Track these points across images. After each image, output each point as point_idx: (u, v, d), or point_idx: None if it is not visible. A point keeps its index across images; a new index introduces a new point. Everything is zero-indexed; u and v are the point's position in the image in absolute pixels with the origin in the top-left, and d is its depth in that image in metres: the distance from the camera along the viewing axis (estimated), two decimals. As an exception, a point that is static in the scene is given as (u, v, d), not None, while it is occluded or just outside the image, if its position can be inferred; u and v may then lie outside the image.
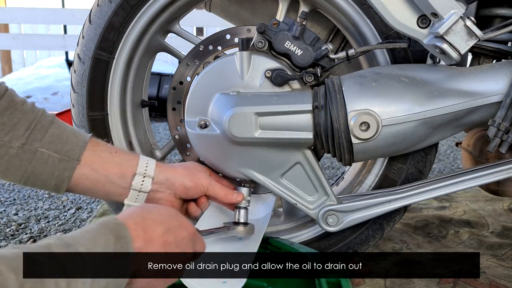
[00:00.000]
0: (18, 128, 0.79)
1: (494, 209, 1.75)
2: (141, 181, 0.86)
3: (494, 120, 0.91)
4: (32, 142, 0.79)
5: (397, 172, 1.12)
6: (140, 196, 0.86)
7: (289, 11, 1.09)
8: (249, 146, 0.96)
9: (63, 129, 0.83)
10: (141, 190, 0.86)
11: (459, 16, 0.87)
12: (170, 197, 0.90)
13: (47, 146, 0.80)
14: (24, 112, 0.80)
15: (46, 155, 0.80)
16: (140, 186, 0.86)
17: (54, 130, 0.82)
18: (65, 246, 0.53)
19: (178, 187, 0.90)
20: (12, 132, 0.78)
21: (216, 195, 0.95)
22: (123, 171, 0.85)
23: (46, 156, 0.80)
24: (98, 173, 0.83)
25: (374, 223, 1.13)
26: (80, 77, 1.12)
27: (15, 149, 0.78)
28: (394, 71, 0.95)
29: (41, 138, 0.80)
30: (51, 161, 0.80)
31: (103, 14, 1.09)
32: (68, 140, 0.82)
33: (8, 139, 0.77)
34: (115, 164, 0.85)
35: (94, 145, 0.85)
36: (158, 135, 3.37)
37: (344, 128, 0.91)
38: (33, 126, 0.80)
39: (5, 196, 1.96)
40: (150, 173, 0.87)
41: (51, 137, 0.81)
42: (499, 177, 1.00)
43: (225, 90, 0.98)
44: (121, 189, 0.86)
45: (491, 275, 1.26)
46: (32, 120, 0.80)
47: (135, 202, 0.86)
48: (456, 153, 2.80)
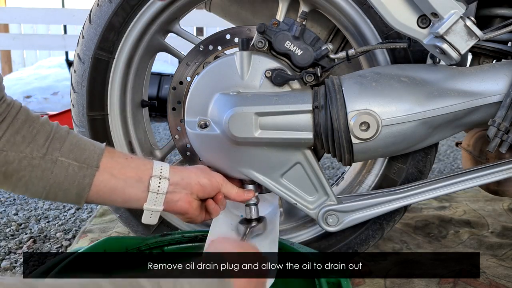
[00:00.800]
0: (38, 139, 0.80)
1: (494, 209, 1.75)
2: (158, 183, 0.87)
3: (494, 120, 0.91)
4: (52, 151, 0.81)
5: (397, 172, 1.12)
6: (158, 199, 0.88)
7: (289, 11, 1.09)
8: (249, 146, 0.96)
9: (80, 138, 0.86)
10: (159, 192, 0.87)
11: (459, 16, 0.87)
12: (188, 197, 0.91)
13: (67, 154, 0.82)
14: (41, 125, 0.82)
15: (66, 163, 0.81)
16: (158, 188, 0.87)
17: (72, 139, 0.84)
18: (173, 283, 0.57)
19: (194, 186, 0.91)
20: (32, 144, 0.80)
21: (229, 193, 0.97)
22: (140, 175, 0.87)
23: (66, 165, 0.81)
24: (117, 178, 0.85)
25: (374, 223, 1.13)
26: (80, 77, 1.12)
27: (37, 160, 0.80)
28: (394, 71, 0.95)
29: (60, 147, 0.82)
30: (71, 169, 0.82)
31: (103, 14, 1.09)
32: (86, 148, 0.84)
33: (29, 151, 0.79)
34: (132, 169, 0.87)
35: (110, 152, 0.87)
36: (158, 135, 3.37)
37: (344, 128, 0.91)
38: (52, 136, 0.82)
39: (5, 196, 1.96)
40: (166, 174, 0.88)
41: (70, 145, 0.83)
42: (499, 177, 1.00)
43: (225, 90, 0.98)
44: (140, 192, 0.87)
45: (491, 275, 1.26)
46: (50, 131, 0.82)
47: (154, 205, 0.88)
48: (456, 153, 2.80)
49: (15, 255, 1.40)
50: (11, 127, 0.79)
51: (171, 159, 2.42)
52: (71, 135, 0.85)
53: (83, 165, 0.82)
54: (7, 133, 0.78)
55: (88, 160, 0.83)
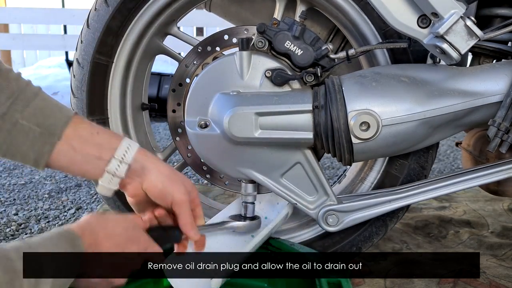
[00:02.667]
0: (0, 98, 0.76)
1: (494, 209, 1.75)
2: (116, 166, 0.83)
3: (494, 120, 0.91)
4: (14, 113, 0.77)
5: (399, 168, 1.12)
6: (113, 180, 0.84)
7: (288, 10, 1.09)
8: (249, 146, 0.96)
9: (48, 102, 0.81)
10: (115, 175, 0.83)
11: (459, 16, 0.86)
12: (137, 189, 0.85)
13: (28, 118, 0.78)
14: (8, 80, 0.78)
15: (27, 127, 0.77)
16: (115, 171, 0.83)
17: (38, 102, 0.79)
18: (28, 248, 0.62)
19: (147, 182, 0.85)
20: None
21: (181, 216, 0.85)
22: (101, 153, 0.82)
23: (26, 129, 0.78)
24: (76, 152, 0.81)
25: (377, 219, 1.13)
26: (79, 81, 1.12)
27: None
28: (394, 71, 0.95)
29: (23, 109, 0.78)
30: (31, 134, 0.78)
31: (101, 18, 1.09)
32: (51, 115, 0.80)
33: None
34: (94, 145, 0.82)
35: (77, 122, 0.82)
36: (158, 135, 3.37)
37: (344, 128, 0.91)
38: (16, 96, 0.78)
39: (5, 196, 1.96)
40: (128, 159, 0.84)
41: (34, 109, 0.78)
42: (499, 177, 1.00)
43: (225, 90, 0.98)
44: (97, 170, 0.83)
45: (491, 275, 1.26)
46: (15, 90, 0.78)
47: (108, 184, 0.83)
48: (456, 153, 2.80)
49: (15, 255, 1.40)
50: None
51: (171, 159, 2.42)
52: (39, 97, 0.80)
53: (45, 131, 0.78)
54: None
55: (51, 127, 0.79)
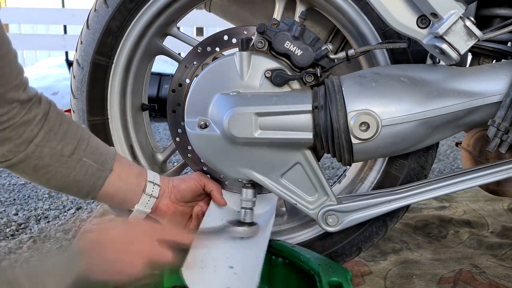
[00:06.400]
0: (67, 138, 0.88)
1: (494, 209, 1.75)
2: (152, 188, 0.98)
3: (494, 120, 0.91)
4: (79, 151, 0.88)
5: (399, 168, 1.12)
6: (150, 202, 0.98)
7: (287, 11, 1.09)
8: (249, 146, 0.96)
9: (98, 140, 0.95)
10: (151, 196, 0.98)
11: (458, 16, 0.86)
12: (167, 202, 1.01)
13: (89, 156, 0.90)
14: (69, 123, 0.89)
15: (87, 164, 0.89)
16: (151, 192, 0.98)
17: (92, 141, 0.92)
18: None
19: (170, 189, 1.01)
20: (63, 142, 0.87)
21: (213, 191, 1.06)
22: (139, 181, 0.97)
23: (87, 165, 0.89)
24: (122, 181, 0.95)
25: (377, 219, 1.12)
26: (79, 82, 1.12)
27: (65, 157, 0.87)
28: (394, 71, 0.95)
29: (85, 148, 0.89)
30: (90, 169, 0.90)
31: (101, 18, 1.09)
32: (103, 152, 0.93)
33: (60, 148, 0.86)
34: (134, 174, 0.97)
35: (118, 156, 0.97)
36: (158, 135, 3.37)
37: (344, 128, 0.91)
38: (79, 136, 0.89)
39: (5, 196, 1.96)
40: (158, 182, 1.00)
41: (92, 147, 0.91)
42: (499, 177, 1.00)
43: (225, 91, 0.98)
44: (136, 196, 0.97)
45: (491, 275, 1.26)
46: (76, 130, 0.90)
47: (145, 207, 0.98)
48: (456, 153, 2.81)
49: (15, 255, 1.40)
50: (46, 124, 0.85)
51: (171, 159, 2.42)
52: (92, 137, 0.93)
53: (100, 167, 0.91)
54: (42, 130, 0.84)
55: (105, 163, 0.92)
